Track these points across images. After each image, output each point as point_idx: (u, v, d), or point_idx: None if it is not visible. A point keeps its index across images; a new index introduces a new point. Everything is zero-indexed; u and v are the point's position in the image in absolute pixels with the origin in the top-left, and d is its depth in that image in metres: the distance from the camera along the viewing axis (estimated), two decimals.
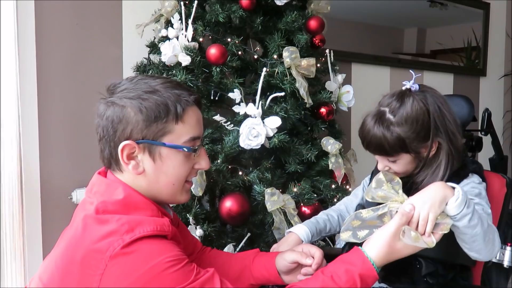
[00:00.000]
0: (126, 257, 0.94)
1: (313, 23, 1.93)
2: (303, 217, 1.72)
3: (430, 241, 1.06)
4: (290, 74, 1.78)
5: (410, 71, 1.33)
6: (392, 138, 1.25)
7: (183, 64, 1.73)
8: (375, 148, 1.30)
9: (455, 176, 1.31)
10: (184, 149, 1.05)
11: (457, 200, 1.08)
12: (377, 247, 1.07)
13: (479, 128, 2.22)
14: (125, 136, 1.03)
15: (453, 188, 1.10)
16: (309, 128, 1.98)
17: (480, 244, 1.15)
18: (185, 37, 1.75)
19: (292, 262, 1.22)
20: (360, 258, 1.07)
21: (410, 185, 1.32)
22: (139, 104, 1.02)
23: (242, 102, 1.72)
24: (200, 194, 1.63)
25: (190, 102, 1.06)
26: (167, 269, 0.94)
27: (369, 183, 1.54)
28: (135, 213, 1.01)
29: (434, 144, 1.28)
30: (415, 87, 1.29)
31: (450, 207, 1.08)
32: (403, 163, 1.30)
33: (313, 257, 1.21)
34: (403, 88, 1.30)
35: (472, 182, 1.30)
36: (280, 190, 1.74)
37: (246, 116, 1.70)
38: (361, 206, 1.51)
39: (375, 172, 1.54)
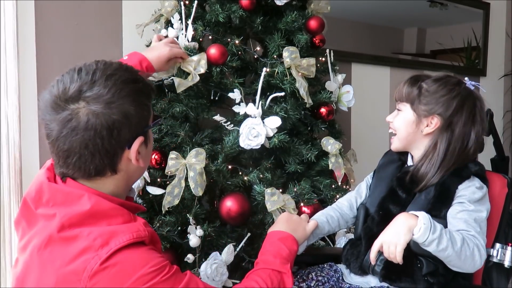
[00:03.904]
0: (107, 272, 0.87)
1: (313, 23, 1.93)
2: None
3: None
4: (290, 74, 1.78)
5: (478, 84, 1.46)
6: (412, 84, 1.38)
7: None
8: (399, 88, 1.41)
9: (457, 176, 1.33)
10: (160, 121, 1.11)
11: (421, 229, 1.14)
12: (277, 223, 1.39)
13: None
14: (130, 134, 0.96)
15: (417, 216, 1.16)
16: (309, 128, 1.98)
17: (457, 263, 1.20)
18: (185, 37, 1.75)
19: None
20: (273, 233, 1.33)
21: (411, 178, 1.38)
22: (135, 96, 0.96)
23: (242, 102, 1.72)
24: (200, 194, 1.63)
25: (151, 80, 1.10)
26: (153, 279, 0.90)
27: (371, 181, 1.55)
28: (105, 222, 0.93)
29: (436, 121, 1.34)
30: (470, 83, 1.40)
31: (415, 236, 1.15)
32: (403, 117, 1.39)
33: None
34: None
35: (473, 186, 1.31)
36: (280, 190, 1.74)
37: (246, 116, 1.69)
38: (364, 206, 1.51)
39: (377, 170, 1.55)
